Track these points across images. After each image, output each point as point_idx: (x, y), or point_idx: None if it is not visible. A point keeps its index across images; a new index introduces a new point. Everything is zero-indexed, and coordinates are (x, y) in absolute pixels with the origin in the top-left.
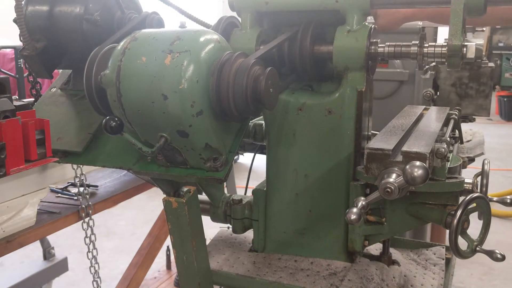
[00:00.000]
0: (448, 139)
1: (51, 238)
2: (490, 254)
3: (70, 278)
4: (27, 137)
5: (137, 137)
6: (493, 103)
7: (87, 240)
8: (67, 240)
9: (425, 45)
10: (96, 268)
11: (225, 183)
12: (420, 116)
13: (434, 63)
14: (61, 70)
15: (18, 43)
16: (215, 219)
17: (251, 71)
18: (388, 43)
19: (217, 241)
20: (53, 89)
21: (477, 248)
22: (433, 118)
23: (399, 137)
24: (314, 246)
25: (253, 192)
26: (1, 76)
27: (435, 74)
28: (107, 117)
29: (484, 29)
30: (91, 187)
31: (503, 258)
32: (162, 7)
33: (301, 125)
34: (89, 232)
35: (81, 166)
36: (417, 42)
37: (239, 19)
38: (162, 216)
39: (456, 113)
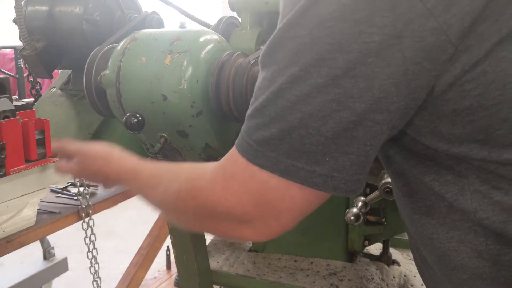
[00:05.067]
0: None
1: (51, 238)
2: None
3: (70, 278)
4: (27, 137)
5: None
6: None
7: (87, 240)
8: (67, 240)
9: None
10: (96, 268)
11: None
12: None
13: None
14: (61, 70)
15: (18, 43)
16: None
17: (251, 71)
18: None
19: (217, 241)
20: (53, 89)
21: None
22: None
23: None
24: (314, 246)
25: None
26: (1, 76)
27: None
28: (129, 113)
29: None
30: (91, 187)
31: None
32: (162, 7)
33: None
34: (89, 232)
35: None
36: None
37: (239, 19)
38: (162, 216)
39: None
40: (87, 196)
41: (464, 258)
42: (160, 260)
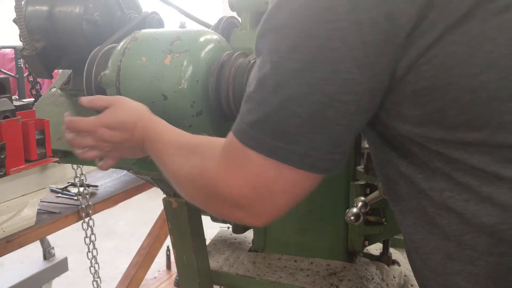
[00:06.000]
0: None
1: (51, 238)
2: None
3: (70, 278)
4: (27, 137)
5: None
6: None
7: (87, 240)
8: (67, 240)
9: None
10: (96, 268)
11: None
12: None
13: None
14: (61, 70)
15: (18, 43)
16: (215, 219)
17: (251, 71)
18: None
19: (217, 241)
20: (53, 89)
21: None
22: None
23: None
24: (314, 246)
25: None
26: (1, 76)
27: None
28: None
29: None
30: (91, 187)
31: None
32: (162, 7)
33: None
34: (89, 232)
35: (81, 166)
36: None
37: (239, 19)
38: (162, 216)
39: None
40: (87, 196)
41: (436, 240)
42: (160, 260)
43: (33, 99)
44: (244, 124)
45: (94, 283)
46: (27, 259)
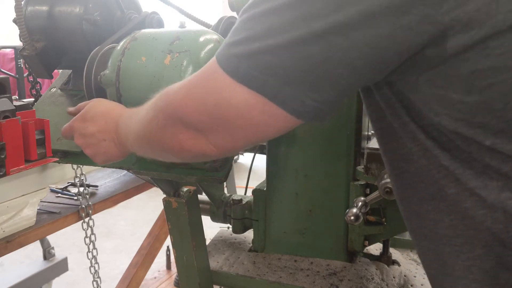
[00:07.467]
0: None
1: (51, 238)
2: None
3: (70, 278)
4: (27, 137)
5: None
6: None
7: (87, 240)
8: (67, 240)
9: None
10: (96, 268)
11: (225, 183)
12: None
13: None
14: (61, 70)
15: (18, 43)
16: (215, 219)
17: None
18: None
19: (217, 241)
20: (53, 89)
21: None
22: None
23: None
24: (314, 246)
25: (253, 192)
26: (1, 76)
27: None
28: None
29: None
30: (91, 187)
31: None
32: (162, 7)
33: (301, 125)
34: (89, 232)
35: (81, 166)
36: None
37: None
38: (162, 216)
39: None
40: (87, 196)
41: (486, 247)
42: (160, 260)
43: (33, 99)
44: (225, 43)
45: (94, 283)
46: (27, 259)
